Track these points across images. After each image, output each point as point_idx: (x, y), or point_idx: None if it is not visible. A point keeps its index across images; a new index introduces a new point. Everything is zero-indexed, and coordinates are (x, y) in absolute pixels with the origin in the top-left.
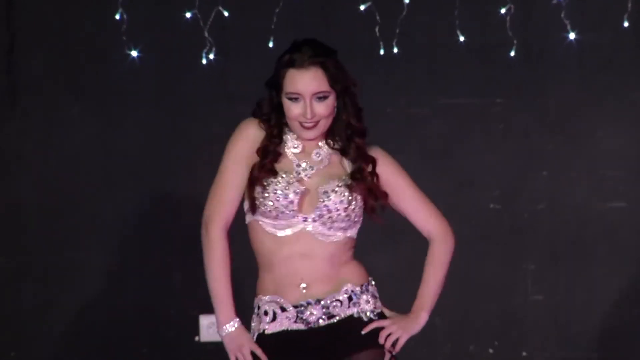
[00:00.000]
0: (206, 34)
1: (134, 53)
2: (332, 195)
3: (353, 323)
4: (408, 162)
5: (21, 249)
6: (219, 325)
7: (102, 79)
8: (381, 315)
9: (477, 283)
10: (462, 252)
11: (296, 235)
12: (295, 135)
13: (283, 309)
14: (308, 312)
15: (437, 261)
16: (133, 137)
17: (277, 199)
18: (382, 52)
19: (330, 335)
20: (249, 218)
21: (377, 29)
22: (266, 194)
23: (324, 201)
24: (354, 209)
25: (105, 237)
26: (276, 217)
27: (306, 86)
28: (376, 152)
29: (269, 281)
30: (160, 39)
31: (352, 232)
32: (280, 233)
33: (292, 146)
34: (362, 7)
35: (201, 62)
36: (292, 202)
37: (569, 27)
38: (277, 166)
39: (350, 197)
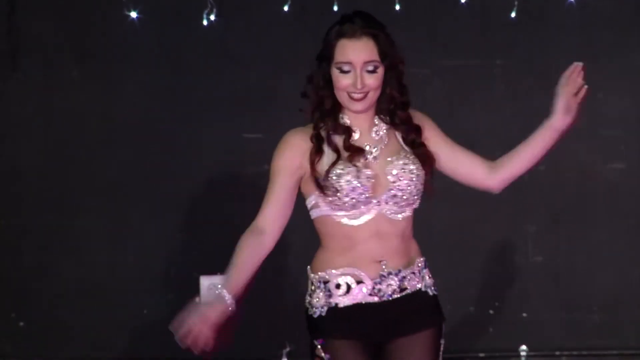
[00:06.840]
0: None
1: (134, 14)
2: (401, 174)
3: (422, 297)
4: None
5: (22, 211)
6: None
7: (102, 40)
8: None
9: (478, 244)
10: (463, 214)
11: (371, 220)
12: (349, 121)
13: (359, 282)
14: (386, 284)
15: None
16: (133, 99)
17: (352, 189)
18: (397, 7)
19: (401, 309)
20: (316, 213)
21: None
22: (339, 188)
23: (395, 182)
24: (421, 182)
25: (105, 199)
26: (352, 207)
27: (358, 55)
28: (416, 116)
29: (341, 258)
30: (160, 0)
31: (417, 204)
32: (355, 222)
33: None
34: None
35: (202, 24)
36: (367, 189)
37: None
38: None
39: (417, 172)
